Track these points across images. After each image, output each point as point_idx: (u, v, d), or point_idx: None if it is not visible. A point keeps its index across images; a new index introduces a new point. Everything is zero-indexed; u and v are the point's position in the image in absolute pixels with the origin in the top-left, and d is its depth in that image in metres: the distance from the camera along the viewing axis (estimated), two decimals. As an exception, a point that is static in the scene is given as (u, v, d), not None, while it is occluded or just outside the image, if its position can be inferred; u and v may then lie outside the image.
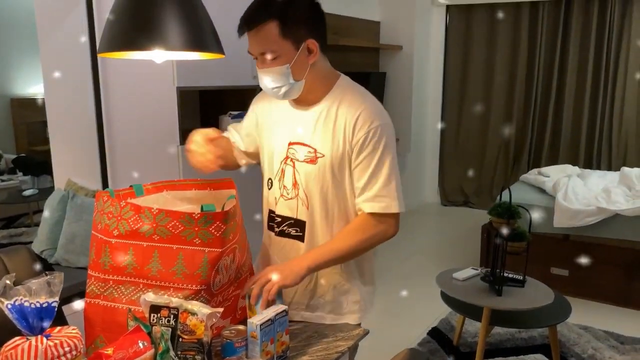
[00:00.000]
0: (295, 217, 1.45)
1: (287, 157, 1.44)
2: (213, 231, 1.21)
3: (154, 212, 1.20)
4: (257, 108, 1.55)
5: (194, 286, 1.21)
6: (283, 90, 1.34)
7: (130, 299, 1.23)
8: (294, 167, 1.43)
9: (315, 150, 1.39)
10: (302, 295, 1.49)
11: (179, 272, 1.20)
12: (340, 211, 1.43)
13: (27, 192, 4.52)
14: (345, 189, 1.41)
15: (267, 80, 1.34)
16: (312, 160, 1.39)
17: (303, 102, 1.42)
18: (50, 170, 3.21)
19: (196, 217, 1.19)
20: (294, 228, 1.46)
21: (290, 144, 1.43)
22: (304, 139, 1.41)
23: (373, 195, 1.37)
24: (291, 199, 1.44)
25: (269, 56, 1.29)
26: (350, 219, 1.44)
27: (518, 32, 5.52)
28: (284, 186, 1.45)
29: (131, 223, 1.20)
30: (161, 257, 1.20)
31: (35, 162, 4.62)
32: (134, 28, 1.08)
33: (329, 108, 1.39)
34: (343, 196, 1.42)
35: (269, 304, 1.28)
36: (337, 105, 1.38)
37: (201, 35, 1.15)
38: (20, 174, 4.82)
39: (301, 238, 1.45)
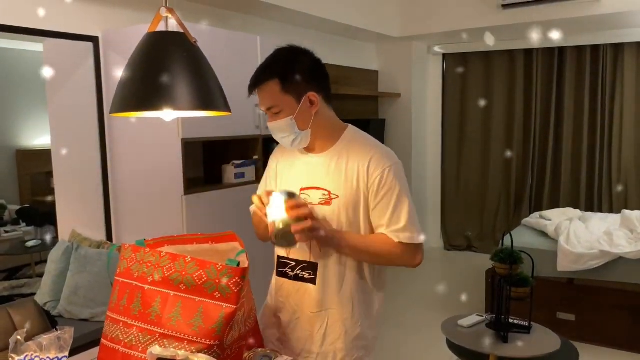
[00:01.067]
0: (308, 259, 1.49)
1: None
2: (232, 286, 1.23)
3: (187, 261, 1.24)
4: (276, 161, 1.62)
5: (208, 341, 1.22)
6: (290, 139, 1.45)
7: (146, 349, 1.24)
8: None
9: (330, 192, 1.45)
10: (313, 342, 1.50)
11: (195, 325, 1.22)
12: None
13: (30, 243, 4.51)
14: (359, 227, 1.47)
15: (275, 132, 1.46)
16: (327, 202, 1.45)
17: (313, 149, 1.51)
18: (54, 221, 3.24)
19: (219, 268, 1.22)
20: (307, 271, 1.49)
21: (302, 189, 1.49)
22: (316, 183, 1.47)
23: (399, 229, 1.43)
24: (304, 242, 1.48)
25: (273, 110, 1.42)
26: (360, 264, 1.49)
27: (514, 79, 5.65)
28: None
29: (165, 271, 1.25)
30: (183, 308, 1.23)
31: (39, 213, 4.64)
32: (144, 89, 1.14)
33: (340, 153, 1.47)
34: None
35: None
36: (348, 150, 1.47)
37: (209, 94, 1.20)
38: (24, 224, 4.82)
39: (313, 281, 1.48)
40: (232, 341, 1.30)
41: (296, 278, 1.51)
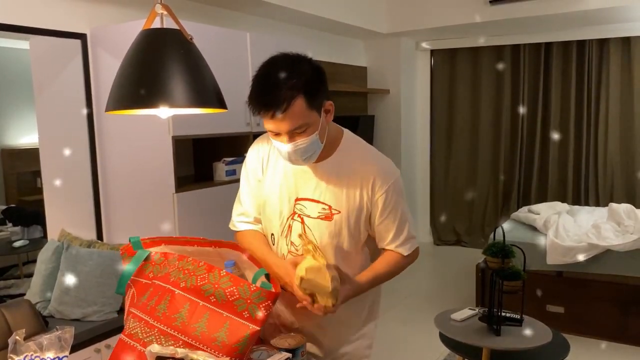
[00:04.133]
0: None
1: (294, 213, 1.43)
2: (262, 309, 1.23)
3: (222, 275, 1.24)
4: (257, 167, 1.52)
5: (228, 358, 1.22)
6: (312, 156, 1.35)
7: None
8: (302, 222, 1.42)
9: (330, 207, 1.40)
10: (320, 345, 1.49)
11: (219, 340, 1.21)
12: (353, 260, 1.46)
13: (17, 243, 4.45)
14: (359, 236, 1.45)
15: (297, 153, 1.31)
16: (328, 217, 1.40)
17: None
18: (41, 221, 3.21)
19: (253, 289, 1.22)
20: None
21: (297, 200, 1.43)
22: (314, 196, 1.41)
23: (404, 240, 1.46)
24: (301, 255, 1.43)
25: (299, 130, 1.28)
26: (361, 265, 1.48)
27: (501, 74, 5.69)
28: (292, 242, 1.44)
29: (199, 280, 1.24)
30: (210, 320, 1.22)
31: (26, 212, 4.58)
32: (141, 87, 1.13)
33: (340, 164, 1.41)
34: (356, 245, 1.46)
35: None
36: (350, 163, 1.41)
37: (205, 92, 1.19)
38: (10, 224, 4.76)
39: None
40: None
41: None
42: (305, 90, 1.25)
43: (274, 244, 1.49)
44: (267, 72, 1.27)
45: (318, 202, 1.41)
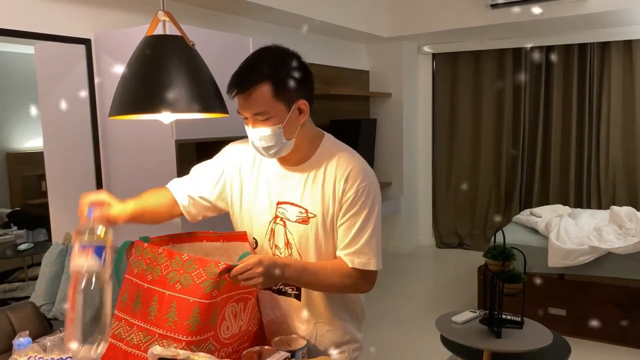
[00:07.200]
0: None
1: (276, 217, 1.43)
2: (227, 279, 1.23)
3: (184, 259, 1.23)
4: (233, 163, 1.51)
5: (205, 335, 1.23)
6: (275, 149, 1.34)
7: (147, 349, 1.24)
8: (285, 226, 1.42)
9: (307, 211, 1.39)
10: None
11: (193, 326, 1.21)
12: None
13: (22, 247, 4.48)
14: (334, 239, 1.42)
15: (259, 141, 1.33)
16: (305, 221, 1.40)
17: (289, 161, 1.42)
18: (46, 224, 3.23)
19: (221, 266, 1.22)
20: (290, 286, 1.46)
21: (279, 203, 1.42)
22: (294, 199, 1.41)
23: (354, 251, 1.37)
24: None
25: (261, 117, 1.30)
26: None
27: (502, 77, 5.71)
28: (276, 245, 1.44)
29: (163, 269, 1.24)
30: (178, 309, 1.22)
31: (31, 215, 4.62)
32: (144, 93, 1.15)
33: (318, 168, 1.40)
34: (335, 250, 1.43)
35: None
36: (326, 164, 1.39)
37: (207, 97, 1.21)
38: (15, 228, 4.78)
39: (298, 297, 1.45)
40: (229, 335, 1.31)
41: (279, 292, 1.47)
42: (274, 78, 1.28)
43: (255, 248, 1.49)
44: (248, 58, 1.32)
45: (296, 205, 1.40)
